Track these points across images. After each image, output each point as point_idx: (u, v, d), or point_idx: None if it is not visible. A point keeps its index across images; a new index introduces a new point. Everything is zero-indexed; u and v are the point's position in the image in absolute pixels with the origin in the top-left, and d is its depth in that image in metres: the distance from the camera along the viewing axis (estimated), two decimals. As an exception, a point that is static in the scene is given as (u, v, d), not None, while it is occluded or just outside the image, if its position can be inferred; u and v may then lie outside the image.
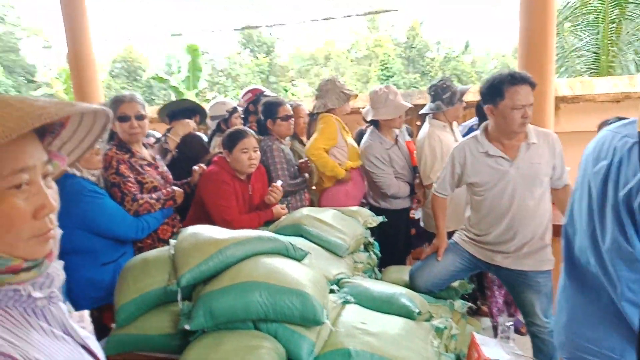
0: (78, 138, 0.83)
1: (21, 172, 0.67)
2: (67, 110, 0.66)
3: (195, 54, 12.60)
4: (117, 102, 2.29)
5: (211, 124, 3.41)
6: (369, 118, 3.14)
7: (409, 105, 3.05)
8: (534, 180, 2.06)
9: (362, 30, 26.53)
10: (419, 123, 4.77)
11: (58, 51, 27.63)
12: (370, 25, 26.46)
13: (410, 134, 3.78)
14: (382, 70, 22.23)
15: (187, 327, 1.45)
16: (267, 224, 2.49)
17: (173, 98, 18.23)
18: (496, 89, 1.98)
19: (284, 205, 2.61)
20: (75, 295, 2.03)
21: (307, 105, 5.05)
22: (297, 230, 2.16)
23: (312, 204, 3.11)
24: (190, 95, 12.74)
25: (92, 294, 2.08)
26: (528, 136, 2.07)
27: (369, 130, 3.22)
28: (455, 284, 2.33)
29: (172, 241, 1.79)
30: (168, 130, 2.90)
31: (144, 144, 2.47)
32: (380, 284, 2.01)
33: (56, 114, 0.64)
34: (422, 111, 3.06)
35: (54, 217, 0.73)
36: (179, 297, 1.57)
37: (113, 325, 1.69)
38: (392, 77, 23.58)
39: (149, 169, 2.37)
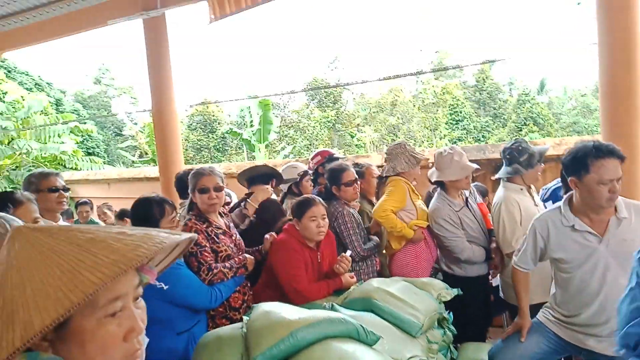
0: (167, 251, 0.89)
1: (115, 300, 0.72)
2: (159, 247, 0.70)
3: (266, 109, 13.28)
4: (198, 175, 2.44)
5: (283, 187, 3.52)
6: (433, 179, 3.08)
7: (475, 167, 2.95)
8: (627, 258, 1.87)
9: (429, 79, 26.62)
10: (493, 178, 4.57)
11: (143, 107, 30.41)
12: (437, 74, 26.53)
13: (484, 193, 3.62)
14: (451, 114, 21.99)
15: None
16: (336, 292, 2.46)
17: (245, 150, 19.19)
18: (580, 162, 1.86)
19: (353, 274, 2.57)
20: (151, 363, 2.10)
21: (375, 158, 5.08)
22: (368, 305, 2.11)
23: (382, 268, 3.04)
24: (261, 147, 13.34)
25: (166, 363, 2.14)
26: (618, 210, 1.90)
27: (436, 192, 3.15)
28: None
29: (245, 318, 1.81)
30: (248, 196, 3.02)
31: (219, 213, 2.59)
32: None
33: (147, 255, 0.69)
34: (498, 175, 2.94)
35: (142, 337, 0.77)
36: (251, 380, 1.56)
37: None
38: (461, 121, 23.20)
39: (224, 237, 2.46)
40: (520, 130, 23.48)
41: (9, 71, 18.81)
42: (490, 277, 3.11)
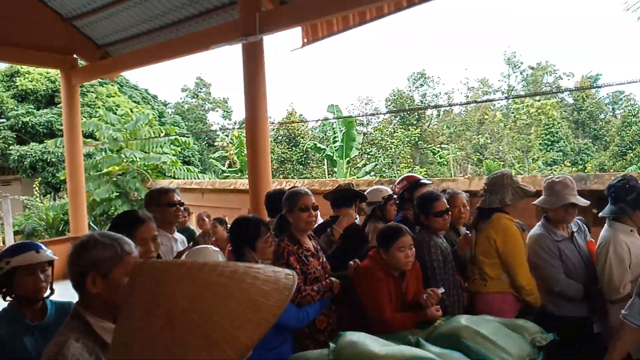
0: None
1: None
2: (285, 299, 0.80)
3: (350, 126, 13.46)
4: (297, 195, 2.57)
5: (367, 209, 3.55)
6: (538, 203, 2.93)
7: (573, 200, 2.76)
8: None
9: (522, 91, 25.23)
10: (595, 211, 4.22)
11: (234, 119, 32.16)
12: (532, 88, 25.04)
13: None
14: (545, 134, 20.58)
15: None
16: (420, 325, 2.43)
17: (326, 165, 19.55)
18: None
19: (439, 308, 2.52)
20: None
21: (462, 183, 4.93)
22: (455, 343, 2.06)
23: (470, 302, 2.93)
24: (342, 163, 13.50)
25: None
26: None
27: (541, 221, 3.01)
28: None
29: (331, 345, 1.87)
30: (333, 220, 3.10)
31: (308, 235, 2.69)
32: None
33: (294, 283, 0.81)
34: (603, 214, 2.73)
35: None
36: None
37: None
38: (557, 142, 21.61)
39: (313, 259, 2.55)
40: (625, 155, 21.31)
41: (122, 86, 20.96)
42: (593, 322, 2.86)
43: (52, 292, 2.08)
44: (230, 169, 18.24)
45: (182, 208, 2.94)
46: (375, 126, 25.37)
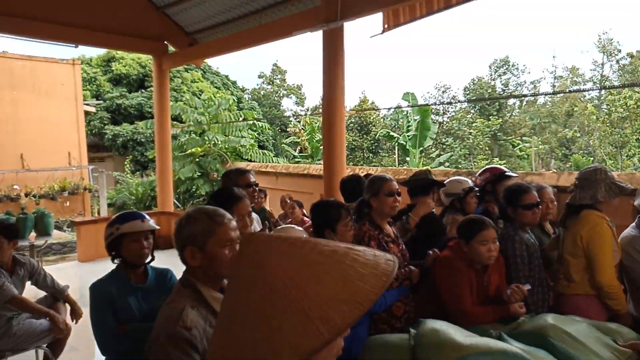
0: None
1: None
2: (383, 285, 0.80)
3: (425, 114, 13.12)
4: (382, 180, 2.59)
5: (445, 200, 3.47)
6: (635, 202, 2.71)
7: None
8: None
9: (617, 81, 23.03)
10: None
11: (307, 106, 32.56)
12: (630, 78, 22.73)
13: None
14: (642, 132, 18.68)
15: None
16: (501, 320, 2.36)
17: (397, 153, 19.27)
18: None
19: (523, 304, 2.43)
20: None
21: (548, 177, 4.64)
22: (540, 341, 1.98)
23: (556, 302, 2.79)
24: (415, 153, 13.21)
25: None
26: None
27: (635, 222, 2.78)
28: None
29: (412, 330, 1.88)
30: (410, 209, 3.08)
31: (387, 221, 2.70)
32: None
33: (394, 268, 0.81)
34: None
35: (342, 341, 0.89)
36: (418, 393, 1.62)
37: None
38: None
39: (393, 245, 2.56)
40: None
41: (205, 72, 22.02)
42: None
43: (153, 258, 2.29)
44: (301, 154, 18.61)
45: (257, 189, 3.03)
46: (452, 115, 24.39)
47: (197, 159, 11.45)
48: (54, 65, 13.15)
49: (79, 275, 7.27)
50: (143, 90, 19.71)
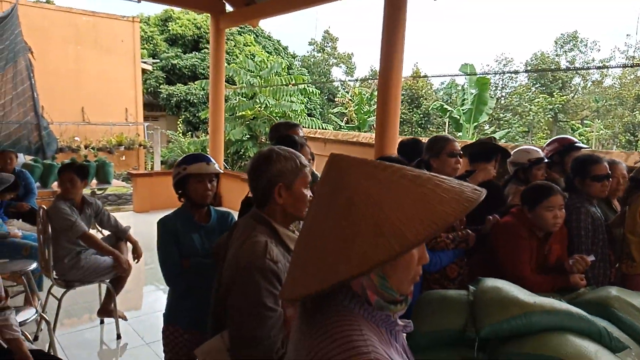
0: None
1: None
2: (463, 210, 0.78)
3: (483, 88, 12.60)
4: (445, 140, 2.57)
5: (510, 169, 3.34)
6: None
7: None
8: None
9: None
10: None
11: (356, 76, 32.08)
12: None
13: None
14: None
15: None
16: (560, 291, 2.29)
17: (447, 129, 18.76)
18: None
19: (583, 276, 2.34)
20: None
21: (616, 157, 4.37)
22: (603, 312, 1.92)
23: (618, 281, 2.68)
24: (468, 128, 12.79)
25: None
26: None
27: None
28: None
29: (471, 288, 1.86)
30: (468, 174, 3.00)
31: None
32: None
33: (478, 198, 0.79)
34: None
35: (420, 268, 0.91)
36: (476, 345, 1.62)
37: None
38: None
39: (450, 208, 2.52)
40: None
41: (257, 36, 22.06)
42: None
43: (216, 201, 2.37)
44: (347, 125, 18.48)
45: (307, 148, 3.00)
46: (511, 90, 23.22)
47: (247, 122, 11.63)
48: (115, 22, 13.56)
49: (134, 224, 7.67)
50: (197, 52, 20.04)
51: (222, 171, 2.37)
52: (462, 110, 13.05)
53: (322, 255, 0.79)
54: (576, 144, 3.23)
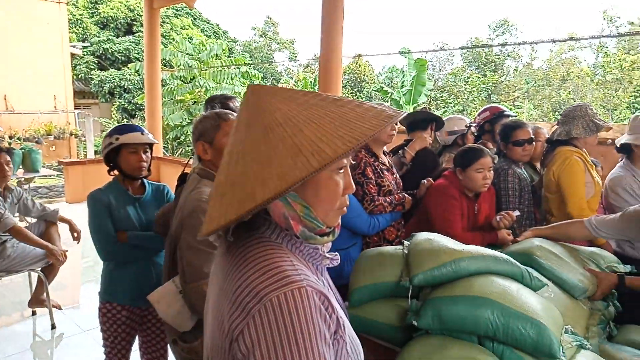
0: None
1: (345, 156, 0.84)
2: (382, 125, 0.79)
3: (421, 69, 12.96)
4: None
5: (447, 139, 3.48)
6: (620, 141, 2.76)
7: None
8: None
9: (613, 49, 22.90)
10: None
11: (300, 62, 31.95)
12: (628, 45, 22.60)
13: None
14: (635, 97, 18.74)
15: (414, 323, 1.57)
16: (490, 247, 2.44)
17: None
18: None
19: (510, 232, 2.51)
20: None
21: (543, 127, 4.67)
22: (527, 260, 2.05)
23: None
24: (409, 109, 13.12)
25: (324, 273, 2.41)
26: None
27: (621, 161, 2.85)
28: None
29: (405, 242, 1.94)
30: (406, 143, 3.09)
31: (383, 152, 2.72)
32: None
33: (372, 131, 0.78)
34: None
35: (347, 198, 0.91)
36: (409, 293, 1.69)
37: (345, 303, 1.92)
38: (647, 109, 19.65)
39: (387, 173, 2.60)
40: None
41: (195, 19, 21.31)
42: None
43: (150, 173, 2.28)
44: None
45: None
46: (448, 72, 24.12)
47: (187, 106, 11.27)
48: (39, 3, 12.57)
49: (68, 216, 7.28)
50: (131, 35, 19.07)
51: (157, 142, 2.28)
52: (402, 92, 13.40)
53: (241, 181, 0.77)
54: (505, 112, 3.41)
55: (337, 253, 0.94)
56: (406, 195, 2.60)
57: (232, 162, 0.81)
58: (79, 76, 18.14)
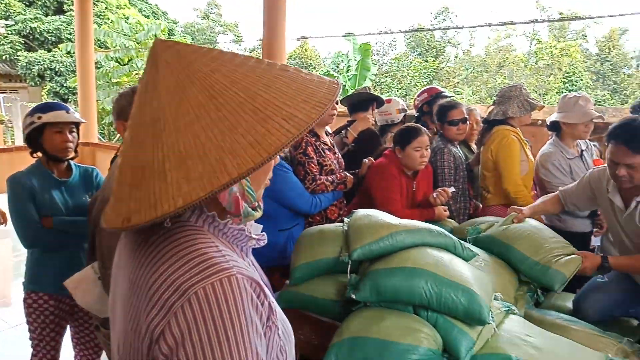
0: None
1: None
2: (335, 90, 0.75)
3: (365, 54, 13.08)
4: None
5: (380, 120, 3.55)
6: (550, 119, 2.94)
7: (597, 114, 2.75)
8: None
9: (546, 37, 24.29)
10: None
11: (245, 45, 31.29)
12: (558, 34, 24.03)
13: (600, 155, 3.39)
14: (564, 83, 20.03)
15: (353, 296, 1.59)
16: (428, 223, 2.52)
17: (337, 95, 19.19)
18: None
19: (446, 208, 2.60)
20: (254, 251, 2.36)
21: (480, 110, 4.88)
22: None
23: (475, 213, 3.02)
24: (354, 93, 13.26)
25: (266, 253, 2.38)
26: None
27: (551, 138, 3.03)
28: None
29: (345, 219, 1.96)
30: (349, 124, 3.11)
31: (325, 132, 2.72)
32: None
33: (333, 96, 0.74)
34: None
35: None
36: (349, 268, 1.72)
37: (287, 282, 1.92)
38: (574, 91, 21.12)
39: (329, 153, 2.60)
40: (643, 112, 20.85)
41: (132, -2, 20.20)
42: (592, 235, 2.97)
43: (77, 154, 2.14)
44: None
45: None
46: (392, 57, 24.64)
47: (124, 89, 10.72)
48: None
49: (-6, 205, 6.77)
50: (61, 15, 17.79)
51: (84, 121, 2.14)
52: (348, 76, 13.49)
53: (194, 154, 0.65)
54: (443, 93, 3.52)
55: (264, 233, 0.89)
56: (348, 174, 2.62)
57: (162, 132, 0.68)
58: (3, 57, 16.74)
